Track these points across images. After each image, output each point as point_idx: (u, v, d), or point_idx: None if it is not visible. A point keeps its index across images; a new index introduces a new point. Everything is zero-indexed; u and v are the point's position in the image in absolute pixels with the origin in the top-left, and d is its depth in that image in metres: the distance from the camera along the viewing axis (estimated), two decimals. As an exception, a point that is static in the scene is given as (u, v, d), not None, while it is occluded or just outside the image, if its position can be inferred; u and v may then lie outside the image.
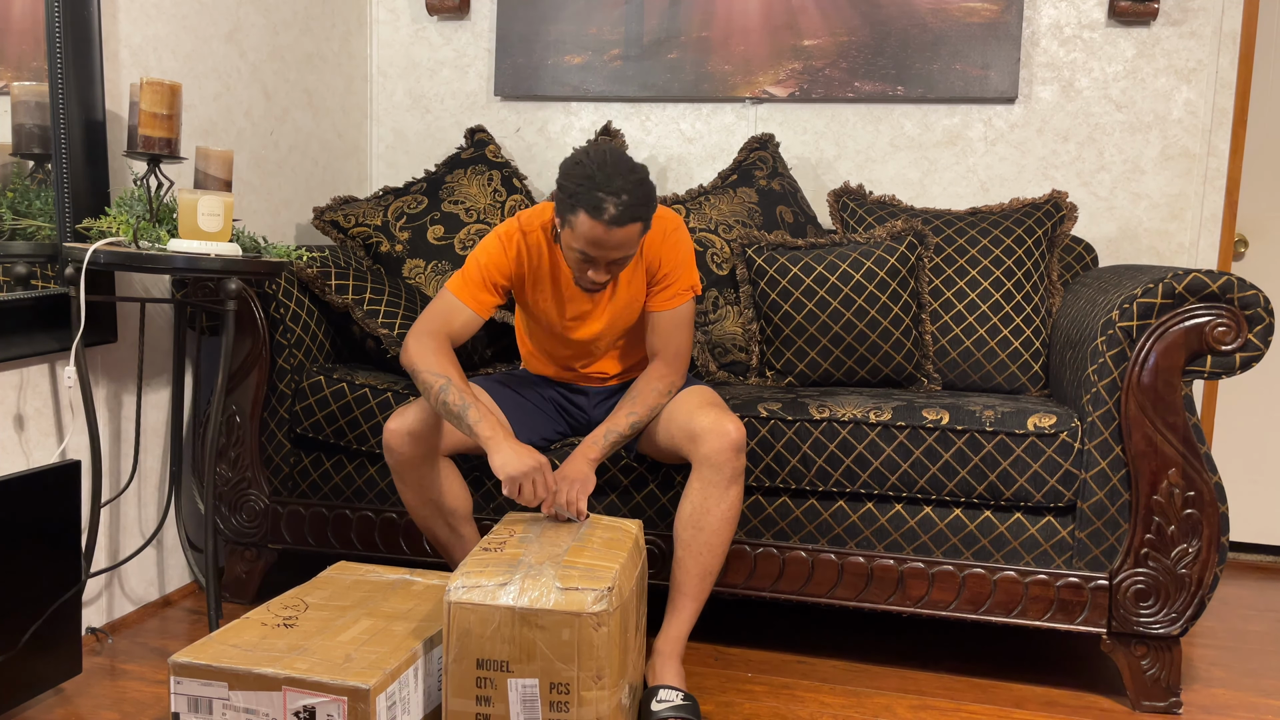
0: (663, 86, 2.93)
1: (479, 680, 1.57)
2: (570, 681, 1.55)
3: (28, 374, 1.95)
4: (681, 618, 1.89)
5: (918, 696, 2.00)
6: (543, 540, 1.73)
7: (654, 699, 1.79)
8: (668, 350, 1.95)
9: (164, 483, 2.33)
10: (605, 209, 1.71)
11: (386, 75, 3.16)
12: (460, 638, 1.56)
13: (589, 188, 1.72)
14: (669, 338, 1.95)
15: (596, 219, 1.72)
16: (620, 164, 1.74)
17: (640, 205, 1.74)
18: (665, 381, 1.93)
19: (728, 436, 1.83)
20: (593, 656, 1.54)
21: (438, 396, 1.79)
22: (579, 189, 1.73)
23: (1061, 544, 1.99)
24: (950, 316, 2.43)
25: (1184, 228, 2.70)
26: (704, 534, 1.85)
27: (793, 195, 2.69)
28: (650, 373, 1.95)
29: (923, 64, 2.77)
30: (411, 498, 1.96)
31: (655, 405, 1.92)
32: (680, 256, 1.93)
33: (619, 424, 1.90)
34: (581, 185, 1.73)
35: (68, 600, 1.82)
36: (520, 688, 1.56)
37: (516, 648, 1.56)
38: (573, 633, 1.54)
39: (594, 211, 1.72)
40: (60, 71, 1.94)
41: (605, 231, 1.73)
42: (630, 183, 1.72)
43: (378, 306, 2.36)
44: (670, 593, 1.91)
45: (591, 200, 1.72)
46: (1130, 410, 1.91)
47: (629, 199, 1.72)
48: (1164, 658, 1.95)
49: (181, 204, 1.88)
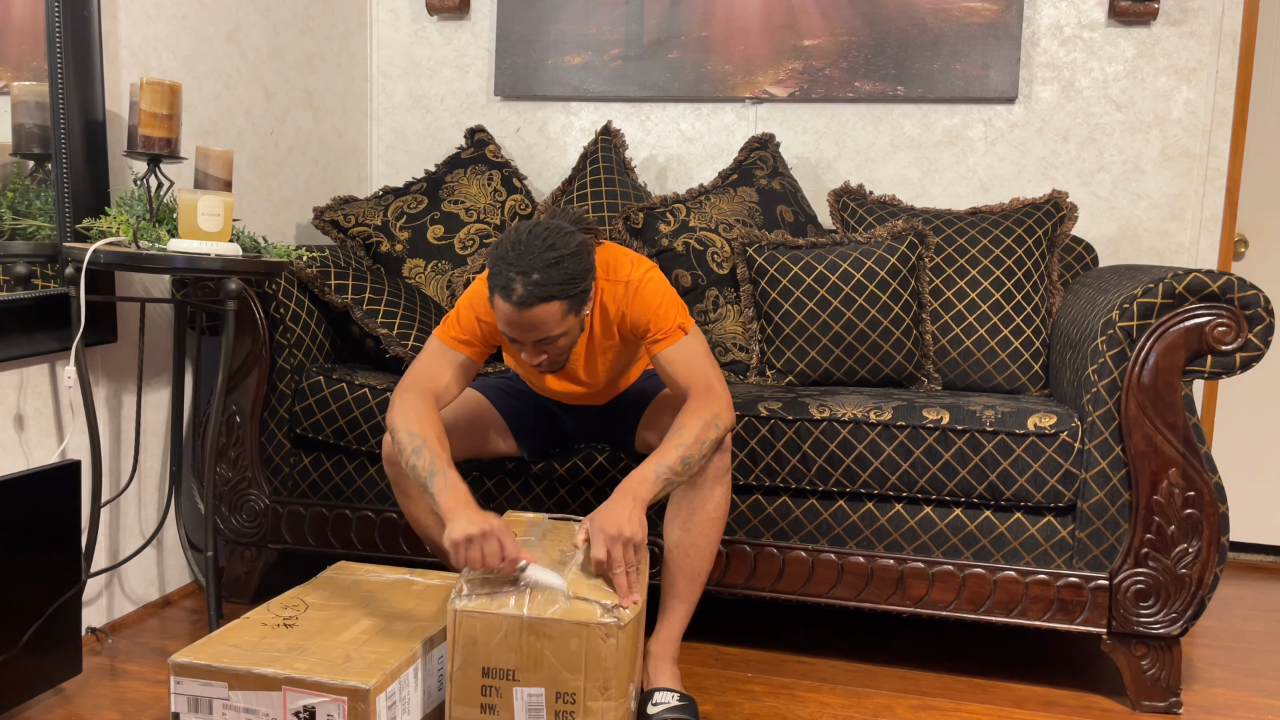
0: (663, 86, 2.93)
1: (484, 689, 1.56)
2: (577, 691, 1.54)
3: (28, 374, 1.95)
4: (673, 619, 1.87)
5: (918, 696, 2.00)
6: (545, 545, 1.72)
7: (650, 702, 1.78)
8: (694, 384, 1.79)
9: (164, 483, 2.33)
10: (513, 289, 1.63)
11: (386, 75, 3.16)
12: (466, 646, 1.55)
13: (501, 268, 1.65)
14: (687, 373, 1.80)
15: (506, 300, 1.65)
16: (539, 241, 1.65)
17: (554, 285, 1.63)
18: (707, 411, 1.74)
19: None
20: (600, 667, 1.53)
21: (409, 460, 1.70)
22: (494, 268, 1.66)
23: (1061, 544, 1.99)
24: (950, 316, 2.43)
25: (1184, 228, 2.70)
26: (691, 535, 1.82)
27: (793, 195, 2.69)
28: (691, 407, 1.77)
29: (923, 64, 2.77)
30: (414, 509, 1.94)
31: (702, 437, 1.72)
32: (652, 308, 1.80)
33: (669, 458, 1.70)
34: (496, 265, 1.66)
35: (68, 600, 1.82)
36: (526, 697, 1.55)
37: (523, 656, 1.54)
38: (581, 643, 1.52)
39: (504, 292, 1.65)
40: (60, 71, 1.94)
41: (515, 312, 1.65)
42: (544, 261, 1.63)
43: (377, 306, 2.36)
44: (661, 594, 1.89)
45: (501, 280, 1.65)
46: (1130, 410, 1.91)
47: (540, 278, 1.63)
48: (1164, 658, 1.95)
49: (181, 204, 1.88)
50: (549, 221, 1.71)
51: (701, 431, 1.72)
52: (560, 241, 1.66)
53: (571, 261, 1.66)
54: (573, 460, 2.12)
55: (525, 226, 1.68)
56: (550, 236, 1.66)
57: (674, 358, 1.80)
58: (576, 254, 1.67)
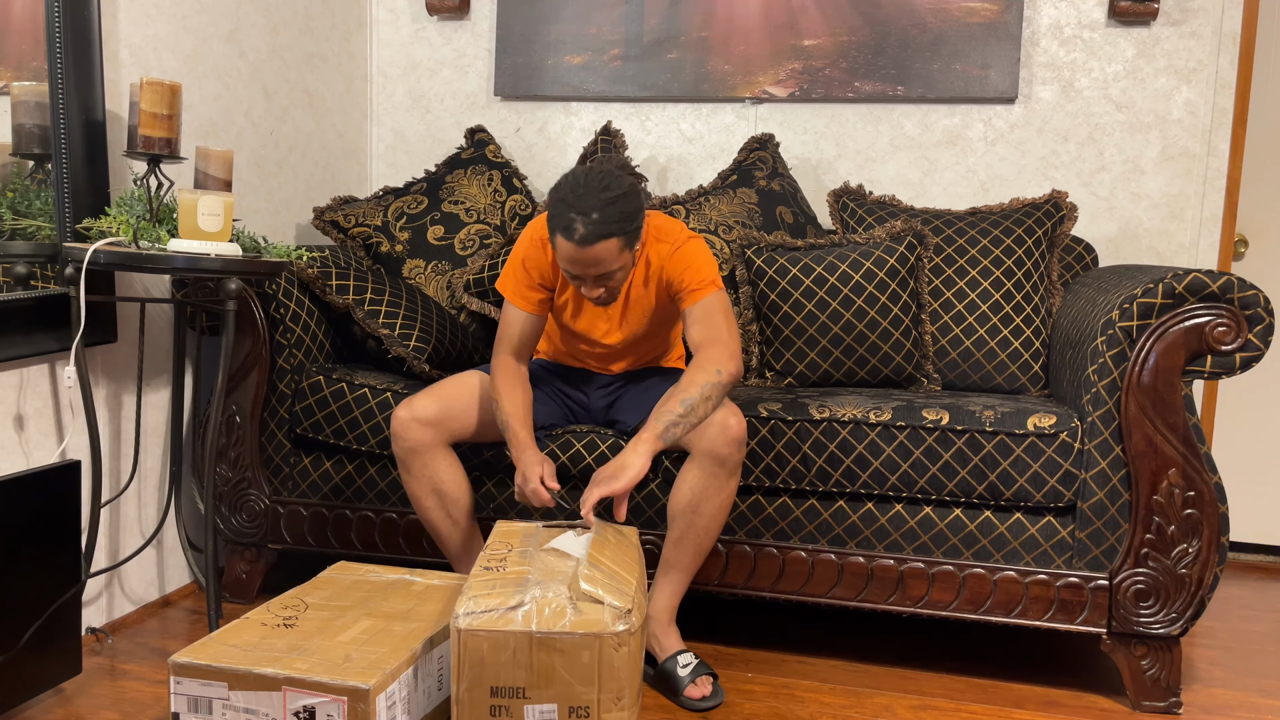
0: (663, 86, 2.93)
1: (493, 709, 1.51)
2: (590, 705, 1.51)
3: (28, 374, 1.95)
4: (674, 589, 1.98)
5: (918, 696, 2.00)
6: (544, 555, 1.68)
7: (679, 666, 1.93)
8: (708, 336, 1.88)
9: (164, 483, 2.33)
10: (575, 229, 1.77)
11: (386, 75, 3.16)
12: (472, 666, 1.51)
13: (562, 209, 1.79)
14: (705, 326, 1.90)
15: (568, 239, 1.79)
16: (595, 183, 1.79)
17: (612, 223, 1.78)
18: (713, 363, 1.83)
19: (729, 431, 1.86)
20: (614, 678, 1.51)
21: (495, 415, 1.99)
22: (554, 211, 1.80)
23: (1061, 544, 1.99)
24: (950, 316, 2.43)
25: (1184, 228, 2.70)
26: (701, 519, 1.92)
27: (793, 195, 2.69)
28: (695, 360, 1.85)
29: (923, 64, 2.77)
30: (416, 487, 2.00)
31: (705, 383, 1.80)
32: (691, 262, 1.95)
33: (669, 403, 1.79)
34: (556, 207, 1.80)
35: (68, 600, 1.82)
36: (538, 714, 1.51)
37: (534, 673, 1.50)
38: (593, 655, 1.50)
39: (565, 232, 1.79)
40: (60, 71, 1.94)
41: (577, 250, 1.79)
42: (602, 201, 1.77)
43: (378, 307, 2.36)
44: (661, 565, 1.98)
45: (563, 221, 1.78)
46: (1130, 410, 1.91)
47: (599, 217, 1.76)
48: (1164, 658, 1.95)
49: (181, 204, 1.88)
50: (600, 166, 1.85)
51: (703, 377, 1.82)
52: (614, 183, 1.80)
53: (625, 201, 1.79)
54: (576, 447, 2.12)
55: (580, 171, 1.83)
56: (605, 179, 1.80)
57: (697, 310, 1.92)
58: (629, 194, 1.81)
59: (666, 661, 1.94)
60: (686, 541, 1.94)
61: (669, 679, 1.93)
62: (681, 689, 1.91)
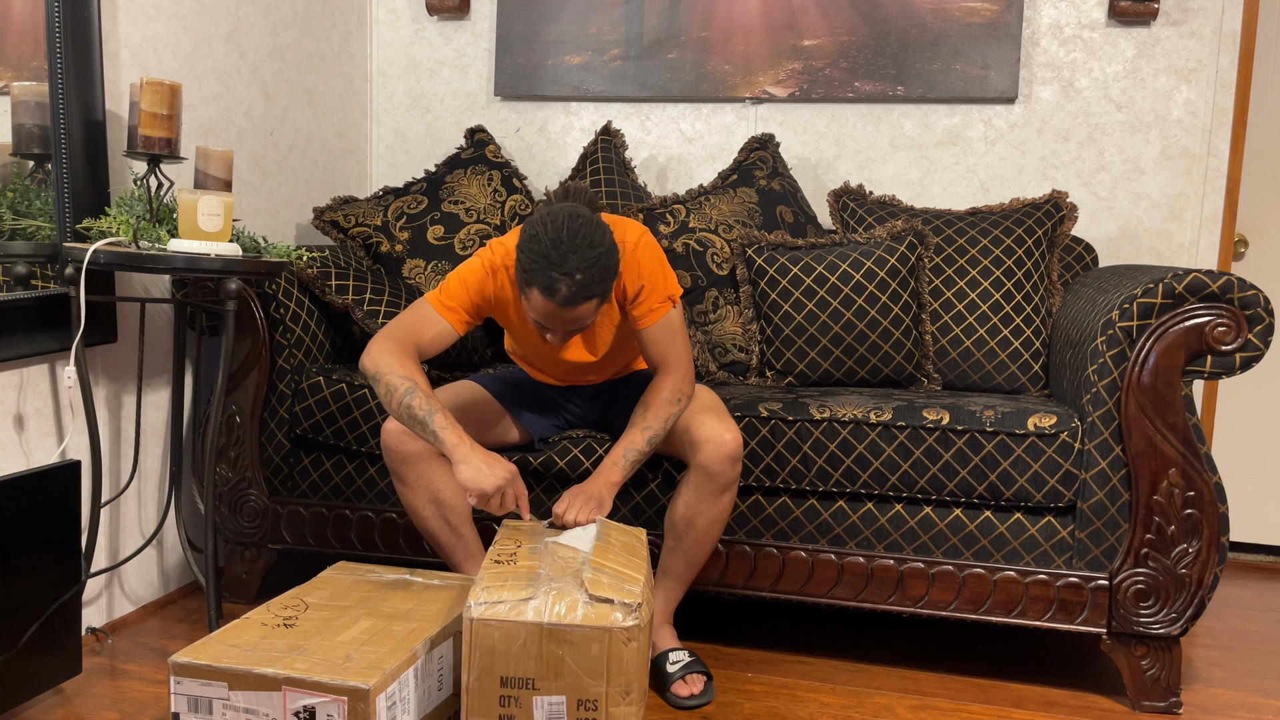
0: (663, 86, 2.93)
1: (503, 699, 1.53)
2: (599, 698, 1.52)
3: (28, 374, 1.95)
4: (671, 596, 2.00)
5: (918, 696, 2.00)
6: (555, 549, 1.70)
7: (667, 662, 1.94)
8: (667, 361, 1.91)
9: (164, 483, 2.33)
10: (557, 289, 1.65)
11: (386, 75, 3.16)
12: (483, 655, 1.52)
13: (543, 266, 1.65)
14: (663, 349, 1.91)
15: (548, 299, 1.67)
16: (578, 239, 1.65)
17: (596, 283, 1.67)
18: (673, 390, 1.88)
19: (724, 447, 1.85)
20: (622, 671, 1.52)
21: (401, 400, 1.72)
22: (533, 266, 1.66)
23: (1061, 544, 1.99)
24: (950, 316, 2.43)
25: (1184, 228, 2.70)
26: (695, 532, 1.92)
27: (793, 195, 2.69)
28: (657, 384, 1.90)
29: (923, 64, 2.77)
30: (412, 498, 1.95)
31: (669, 415, 1.87)
32: (645, 272, 1.86)
33: (636, 441, 1.86)
34: (536, 263, 1.66)
35: (68, 600, 1.82)
36: (547, 705, 1.53)
37: (543, 664, 1.52)
38: (603, 648, 1.51)
39: (546, 291, 1.66)
40: (60, 71, 1.94)
41: (558, 310, 1.69)
42: (587, 260, 1.65)
43: (378, 307, 2.36)
44: (660, 572, 2.00)
45: (544, 280, 1.65)
46: (1130, 410, 1.91)
47: (583, 279, 1.65)
48: (1164, 658, 1.95)
49: (181, 204, 1.88)
50: (577, 213, 1.70)
51: (668, 411, 1.87)
52: (597, 237, 1.68)
53: (608, 257, 1.69)
54: (573, 453, 2.12)
55: (559, 221, 1.67)
56: (590, 233, 1.67)
57: (654, 332, 1.89)
58: (611, 248, 1.70)
59: (657, 658, 1.96)
60: (680, 553, 1.95)
61: (657, 675, 1.94)
62: (668, 685, 1.92)
